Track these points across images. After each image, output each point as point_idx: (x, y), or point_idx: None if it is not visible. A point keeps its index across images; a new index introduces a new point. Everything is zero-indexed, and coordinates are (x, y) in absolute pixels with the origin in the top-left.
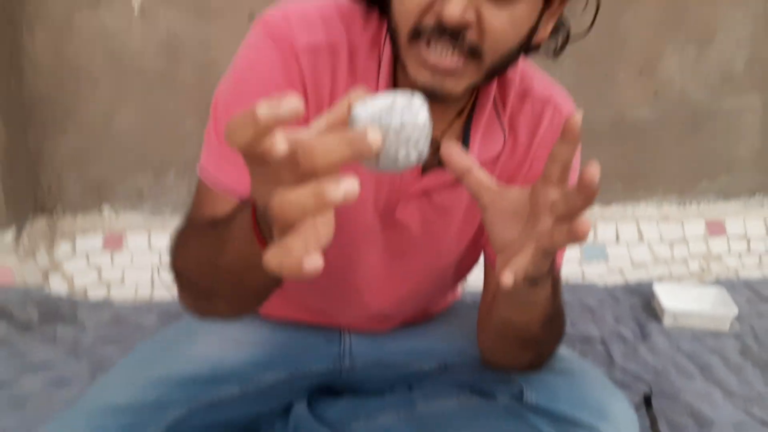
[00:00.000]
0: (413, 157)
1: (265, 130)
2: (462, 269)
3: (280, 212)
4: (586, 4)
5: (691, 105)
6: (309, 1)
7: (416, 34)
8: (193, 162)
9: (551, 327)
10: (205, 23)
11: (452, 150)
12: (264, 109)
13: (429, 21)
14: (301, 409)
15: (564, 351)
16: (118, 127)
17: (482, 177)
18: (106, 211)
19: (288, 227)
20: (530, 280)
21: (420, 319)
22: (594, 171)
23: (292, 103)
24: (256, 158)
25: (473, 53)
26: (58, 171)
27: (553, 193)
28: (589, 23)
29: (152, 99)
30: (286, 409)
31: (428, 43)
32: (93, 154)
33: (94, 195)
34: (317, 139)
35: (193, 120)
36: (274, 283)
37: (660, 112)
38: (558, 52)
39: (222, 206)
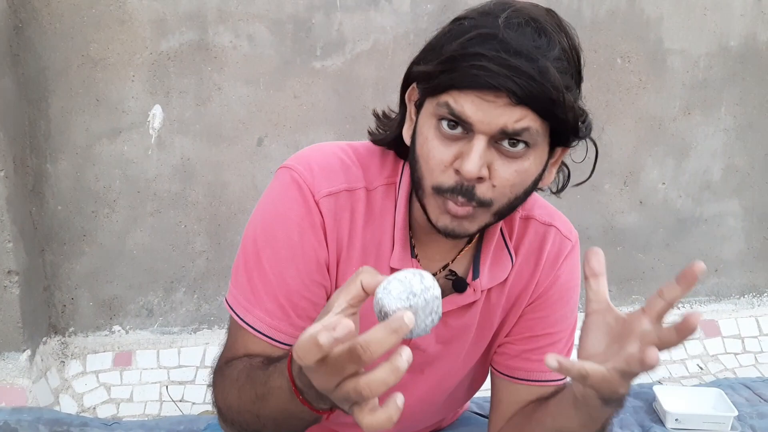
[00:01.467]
0: (436, 321)
1: (328, 350)
2: (473, 385)
3: (368, 391)
4: (587, 150)
5: (675, 212)
6: (329, 147)
7: (438, 191)
8: (202, 278)
9: None
10: (216, 149)
11: (594, 256)
12: (324, 338)
13: (449, 180)
14: None
15: None
16: (131, 247)
17: (603, 287)
18: (116, 329)
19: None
20: (605, 399)
21: (434, 430)
22: (696, 319)
23: (344, 327)
24: (321, 365)
25: (482, 204)
26: (72, 291)
27: (647, 324)
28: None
29: (165, 219)
30: None
31: (444, 197)
32: (106, 273)
33: (105, 314)
34: (369, 335)
35: (203, 238)
36: (314, 422)
37: (647, 219)
38: (560, 191)
39: (255, 346)
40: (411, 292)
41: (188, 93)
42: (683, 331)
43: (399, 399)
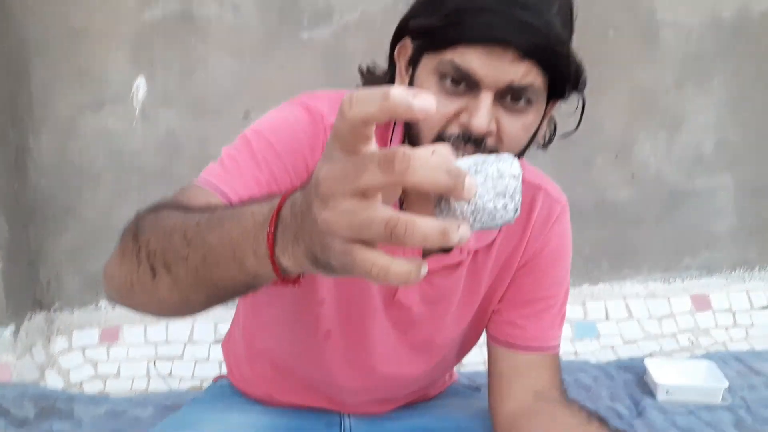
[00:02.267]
0: (511, 208)
1: (389, 112)
2: (461, 352)
3: (397, 224)
4: (577, 105)
5: (667, 186)
6: (329, 91)
7: (440, 139)
8: None
9: None
10: (202, 122)
11: None
12: (398, 92)
13: (453, 130)
14: None
15: None
16: (116, 222)
17: None
18: (103, 305)
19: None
20: None
21: (418, 400)
22: None
23: (426, 101)
24: (350, 143)
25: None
26: (57, 267)
27: None
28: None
29: (150, 194)
30: None
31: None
32: (91, 249)
33: (91, 290)
34: (420, 150)
35: None
36: (240, 290)
37: (638, 193)
38: (547, 144)
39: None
40: (484, 159)
41: (173, 65)
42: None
43: (424, 266)
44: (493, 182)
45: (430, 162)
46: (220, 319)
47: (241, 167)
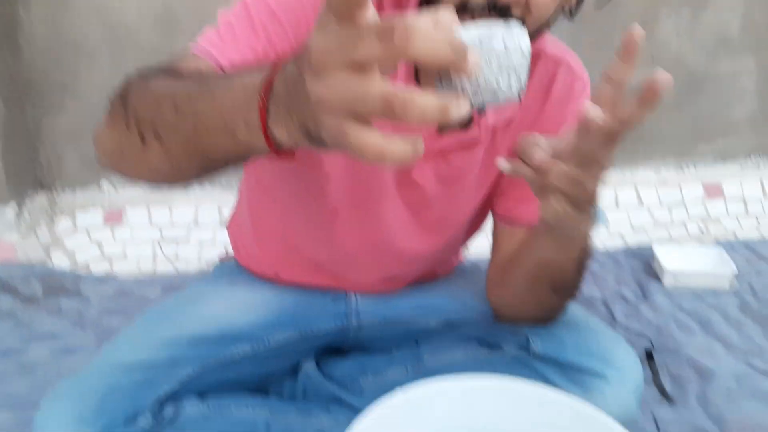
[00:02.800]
0: (515, 86)
1: None
2: (473, 228)
3: (395, 100)
4: None
5: (688, 68)
6: None
7: (463, 8)
8: None
9: (582, 268)
10: None
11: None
12: None
13: None
14: (309, 367)
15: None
16: None
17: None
18: (105, 186)
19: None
20: (575, 202)
21: (426, 280)
22: (662, 81)
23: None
24: (344, 11)
25: None
26: (57, 147)
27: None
28: None
29: None
30: (295, 369)
31: (473, 16)
32: (90, 129)
33: (92, 170)
34: (421, 21)
35: None
36: (233, 161)
37: None
38: (574, 13)
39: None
40: (490, 33)
41: None
42: (648, 99)
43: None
44: (498, 58)
45: (433, 35)
46: (224, 202)
47: (237, 34)
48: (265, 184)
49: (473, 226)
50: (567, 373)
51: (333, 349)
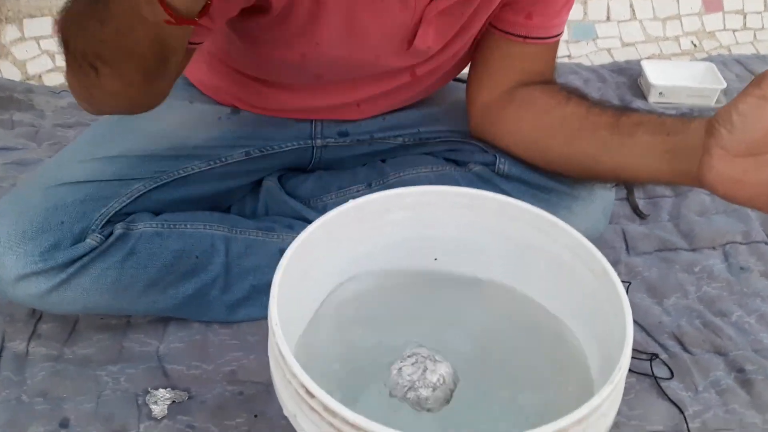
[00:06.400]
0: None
1: None
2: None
3: None
4: None
5: None
6: None
7: None
8: None
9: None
10: None
11: None
12: None
13: None
14: (271, 184)
15: None
16: None
17: None
18: None
19: None
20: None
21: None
22: None
23: None
24: None
25: None
26: None
27: None
28: None
29: None
30: (257, 187)
31: None
32: None
33: None
34: None
35: None
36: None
37: None
38: None
39: None
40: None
41: None
42: None
43: None
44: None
45: None
46: None
47: None
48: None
49: (465, 59)
50: (533, 191)
51: (296, 169)
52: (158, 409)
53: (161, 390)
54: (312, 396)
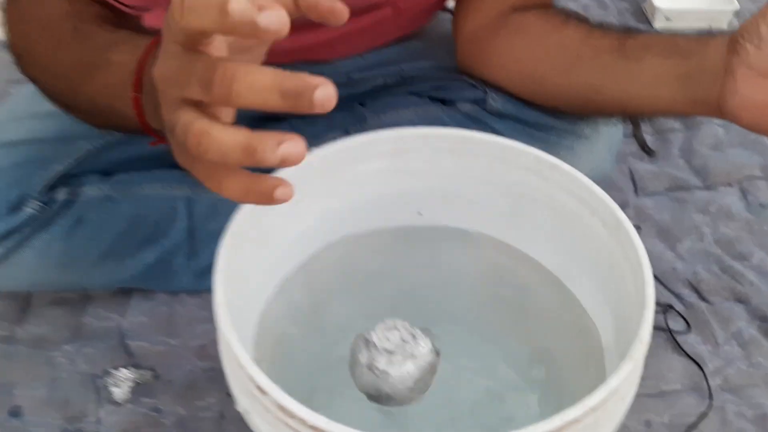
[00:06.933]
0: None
1: (228, 29)
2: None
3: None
4: None
5: None
6: None
7: None
8: None
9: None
10: None
11: None
12: (239, 6)
13: None
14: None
15: None
16: None
17: None
18: None
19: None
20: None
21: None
22: None
23: (274, 18)
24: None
25: None
26: None
27: None
28: None
29: None
30: None
31: None
32: None
33: None
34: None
35: None
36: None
37: None
38: None
39: None
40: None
41: None
42: None
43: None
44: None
45: (259, 82)
46: None
47: None
48: None
49: None
50: (529, 130)
51: (268, 117)
52: (120, 392)
53: (123, 370)
54: (264, 393)
